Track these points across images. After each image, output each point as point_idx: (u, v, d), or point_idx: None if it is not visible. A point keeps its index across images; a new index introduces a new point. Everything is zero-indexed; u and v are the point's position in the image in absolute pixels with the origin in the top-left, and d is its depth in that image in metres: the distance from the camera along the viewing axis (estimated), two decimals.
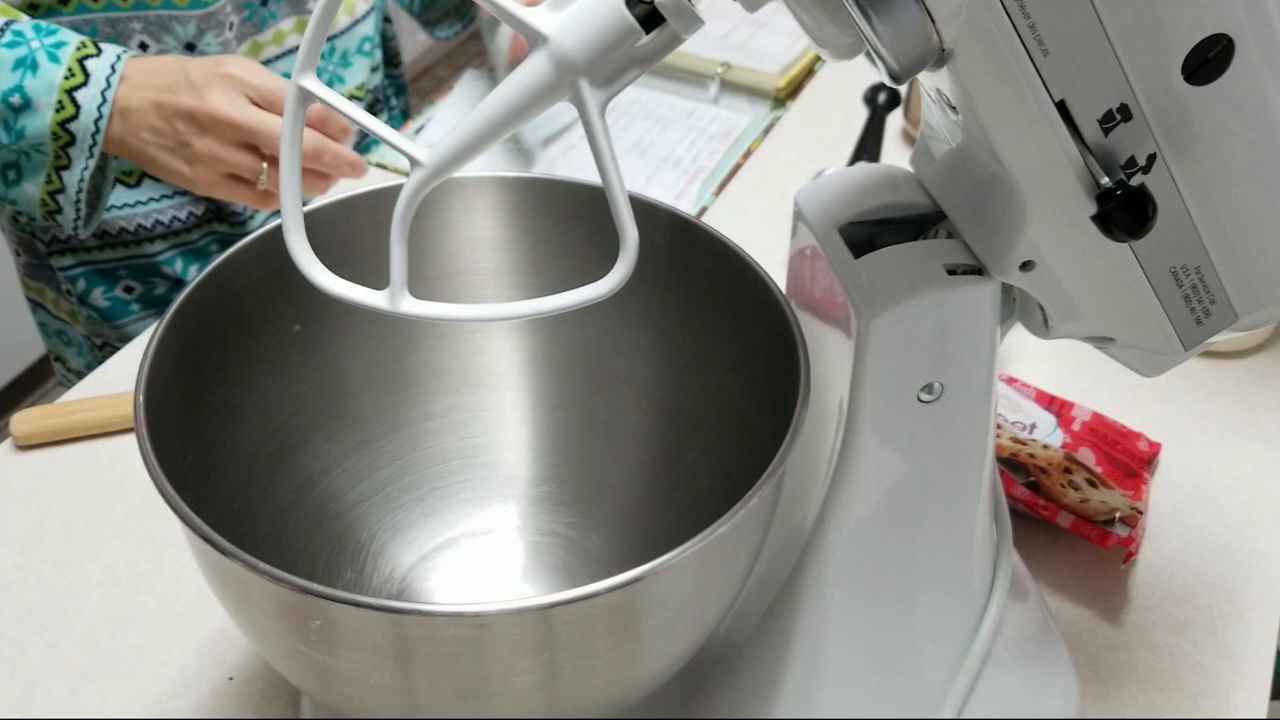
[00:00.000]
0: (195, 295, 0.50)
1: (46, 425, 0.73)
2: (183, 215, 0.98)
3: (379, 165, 1.01)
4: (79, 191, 0.81)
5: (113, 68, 0.79)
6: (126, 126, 0.79)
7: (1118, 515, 0.65)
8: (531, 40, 0.38)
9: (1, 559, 0.67)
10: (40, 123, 0.78)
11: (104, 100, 0.78)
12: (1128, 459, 0.70)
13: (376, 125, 0.39)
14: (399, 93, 1.17)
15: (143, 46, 0.89)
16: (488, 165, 0.95)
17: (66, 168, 0.80)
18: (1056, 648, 0.58)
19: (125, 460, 0.73)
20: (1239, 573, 0.67)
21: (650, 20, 0.38)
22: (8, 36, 0.78)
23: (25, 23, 0.80)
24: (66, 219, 0.83)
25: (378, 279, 0.43)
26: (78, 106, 0.78)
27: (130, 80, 0.79)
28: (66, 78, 0.78)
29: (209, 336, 0.51)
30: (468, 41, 2.93)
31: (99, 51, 0.79)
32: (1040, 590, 0.64)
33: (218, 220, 1.00)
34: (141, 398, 0.45)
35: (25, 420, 0.73)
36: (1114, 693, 0.61)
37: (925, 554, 0.52)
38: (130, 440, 0.74)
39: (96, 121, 0.78)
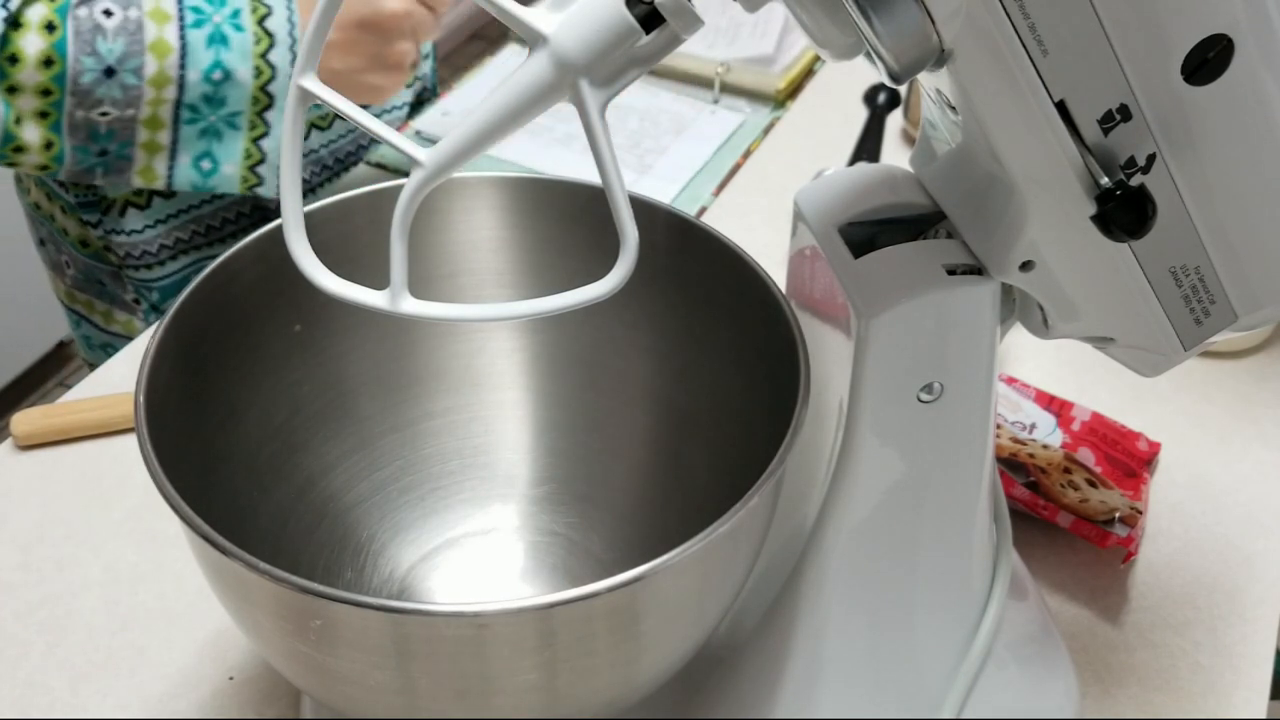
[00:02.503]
0: (195, 295, 0.50)
1: (47, 425, 0.73)
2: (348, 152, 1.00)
3: (379, 165, 1.01)
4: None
5: (290, 20, 0.82)
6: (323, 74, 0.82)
7: (1117, 515, 0.65)
8: (531, 40, 0.38)
9: (1, 559, 0.67)
10: (242, 92, 0.81)
11: (294, 55, 0.82)
12: (1127, 459, 0.70)
13: (376, 125, 0.39)
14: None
15: None
16: (488, 165, 0.95)
17: (265, 135, 0.83)
18: (1056, 648, 0.58)
19: (125, 460, 0.73)
20: (1239, 573, 0.67)
21: (650, 20, 0.38)
22: (190, 15, 0.80)
23: None
24: (270, 184, 0.86)
25: (378, 279, 0.43)
26: (273, 68, 0.81)
27: (303, 21, 0.83)
28: (256, 43, 0.81)
29: (209, 336, 0.51)
30: (468, 42, 2.93)
31: (270, 9, 0.82)
32: (1040, 590, 0.64)
33: None
34: (141, 398, 0.45)
35: (25, 420, 0.73)
36: (1114, 693, 0.61)
37: (925, 553, 0.52)
38: (130, 440, 0.74)
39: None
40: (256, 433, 0.55)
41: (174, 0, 0.80)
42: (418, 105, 1.09)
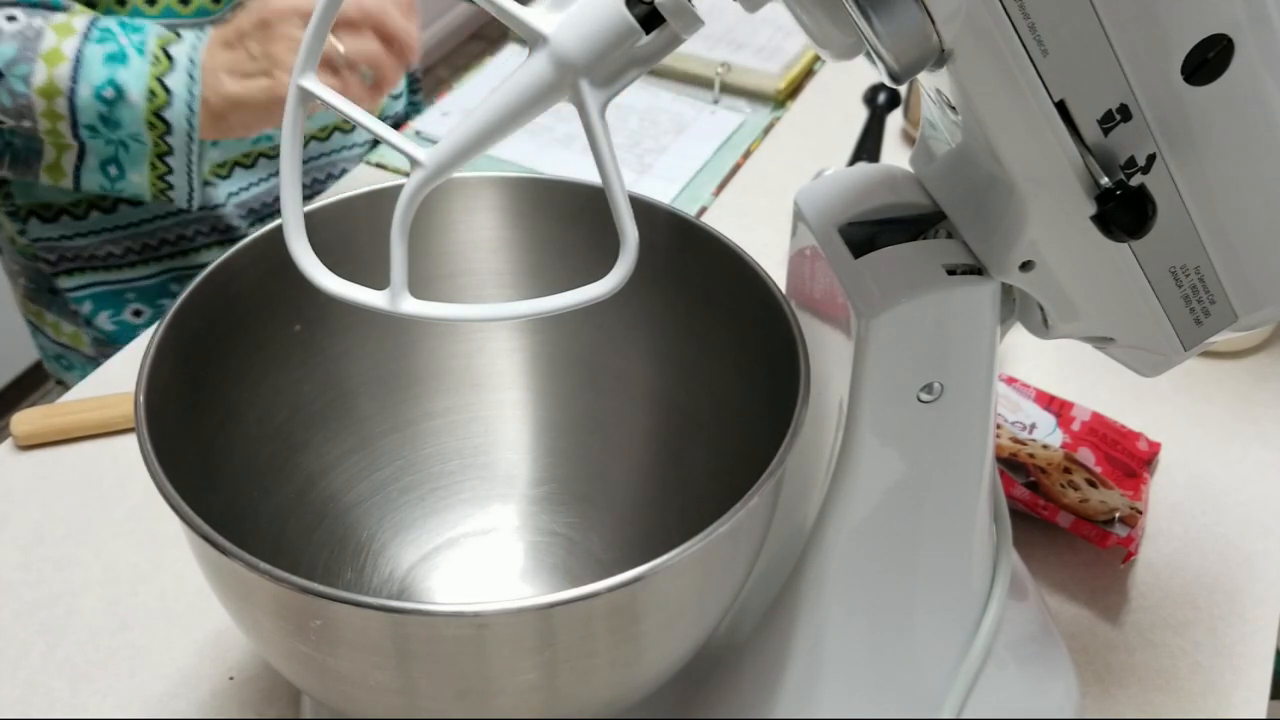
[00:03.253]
0: (195, 295, 0.50)
1: (47, 425, 0.73)
2: (271, 200, 0.99)
3: (379, 165, 1.01)
4: (189, 170, 0.84)
5: (194, 47, 0.81)
6: (210, 82, 0.81)
7: (1117, 515, 0.65)
8: (531, 40, 0.38)
9: (1, 559, 0.67)
10: (135, 113, 0.79)
11: (193, 80, 0.80)
12: (1127, 459, 0.70)
13: (376, 125, 0.39)
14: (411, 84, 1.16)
15: None
16: (488, 165, 0.95)
17: (170, 154, 0.82)
18: (1056, 648, 0.58)
19: (125, 460, 0.73)
20: (1239, 573, 0.67)
21: (650, 20, 0.38)
22: (96, 33, 0.79)
23: (111, 20, 0.81)
24: (180, 195, 0.85)
25: (378, 279, 0.43)
26: (169, 92, 0.80)
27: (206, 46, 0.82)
28: (154, 64, 0.79)
29: (209, 336, 0.51)
30: (468, 42, 2.93)
31: (180, 37, 0.81)
32: (1040, 590, 0.64)
33: None
34: (141, 398, 0.45)
35: (25, 420, 0.73)
36: (1114, 693, 0.61)
37: (925, 554, 0.52)
38: (130, 440, 0.74)
39: (189, 104, 0.80)
40: (256, 433, 0.55)
41: (86, 19, 0.80)
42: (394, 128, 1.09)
